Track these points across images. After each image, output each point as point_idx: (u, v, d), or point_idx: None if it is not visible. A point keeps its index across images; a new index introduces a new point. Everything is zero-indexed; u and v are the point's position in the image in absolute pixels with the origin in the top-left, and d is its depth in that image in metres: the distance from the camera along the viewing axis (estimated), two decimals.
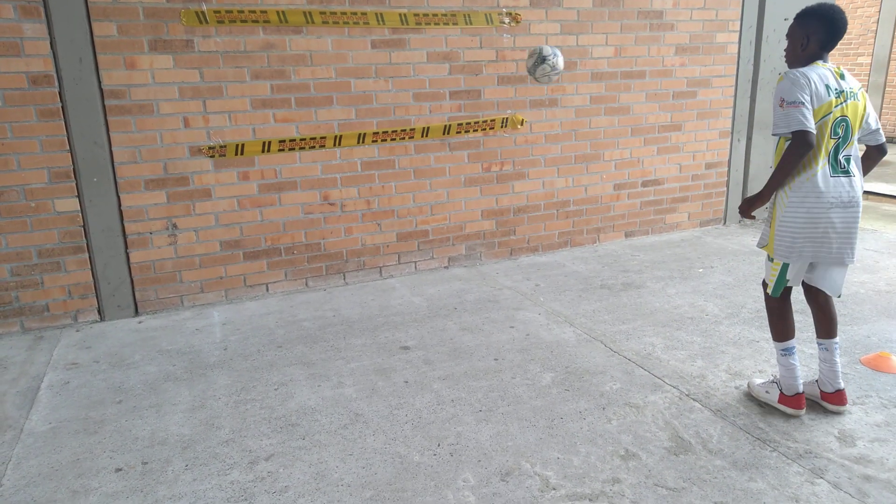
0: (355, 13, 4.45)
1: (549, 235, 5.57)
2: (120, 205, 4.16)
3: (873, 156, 2.97)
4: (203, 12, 4.08)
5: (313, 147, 4.57)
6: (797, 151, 2.64)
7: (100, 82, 3.95)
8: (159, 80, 4.09)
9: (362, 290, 4.77)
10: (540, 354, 3.63)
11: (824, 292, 2.94)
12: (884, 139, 2.92)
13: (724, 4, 5.72)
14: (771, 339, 3.14)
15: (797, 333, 3.07)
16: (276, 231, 4.62)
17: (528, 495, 2.45)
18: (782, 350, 2.96)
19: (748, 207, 2.87)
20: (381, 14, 4.52)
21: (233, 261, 4.55)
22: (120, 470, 2.67)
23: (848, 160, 2.79)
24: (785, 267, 2.87)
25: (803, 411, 2.91)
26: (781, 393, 2.95)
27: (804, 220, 2.76)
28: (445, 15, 4.72)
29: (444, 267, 5.23)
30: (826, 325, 2.98)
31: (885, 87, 11.66)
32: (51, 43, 3.80)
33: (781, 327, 2.97)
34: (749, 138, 6.18)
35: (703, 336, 3.81)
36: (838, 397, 2.96)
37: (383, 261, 5.01)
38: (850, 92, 2.75)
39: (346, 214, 4.80)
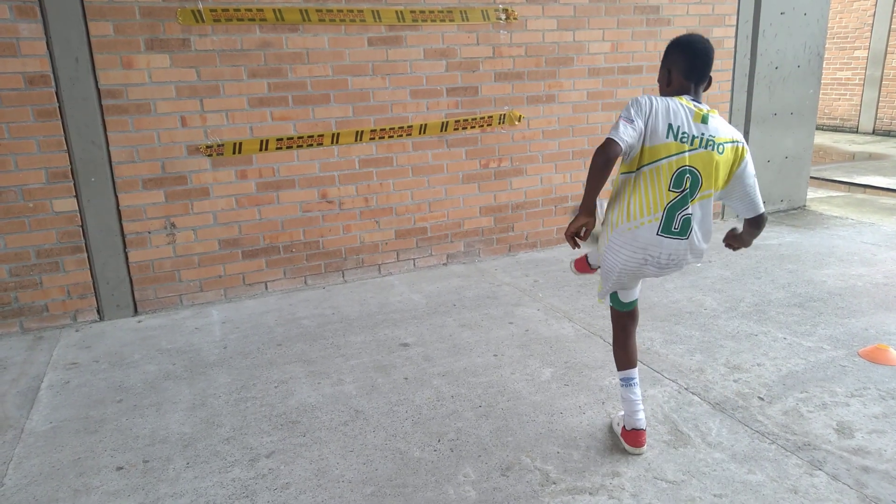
0: (352, 10, 4.45)
1: (547, 231, 5.58)
2: (118, 204, 4.16)
3: (750, 229, 2.54)
4: (199, 11, 4.08)
5: (311, 145, 4.57)
6: (596, 158, 2.29)
7: (96, 82, 3.95)
8: (156, 80, 4.09)
9: (361, 287, 4.78)
10: (539, 350, 3.64)
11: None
12: (762, 209, 2.46)
13: None
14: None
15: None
16: (275, 229, 4.63)
17: (529, 489, 2.46)
18: (620, 379, 2.67)
19: (570, 226, 2.40)
20: (378, 11, 4.52)
21: (231, 259, 4.55)
22: (121, 468, 2.68)
23: (688, 222, 2.35)
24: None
25: (643, 449, 2.63)
26: (623, 427, 2.68)
27: (622, 262, 2.46)
28: (442, 12, 4.72)
29: (443, 264, 5.24)
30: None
31: (881, 81, 11.68)
32: (47, 43, 3.80)
33: (619, 353, 2.68)
34: (746, 133, 6.18)
35: (701, 330, 3.82)
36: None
37: (382, 258, 5.02)
38: (709, 140, 2.30)
39: (345, 212, 4.80)
